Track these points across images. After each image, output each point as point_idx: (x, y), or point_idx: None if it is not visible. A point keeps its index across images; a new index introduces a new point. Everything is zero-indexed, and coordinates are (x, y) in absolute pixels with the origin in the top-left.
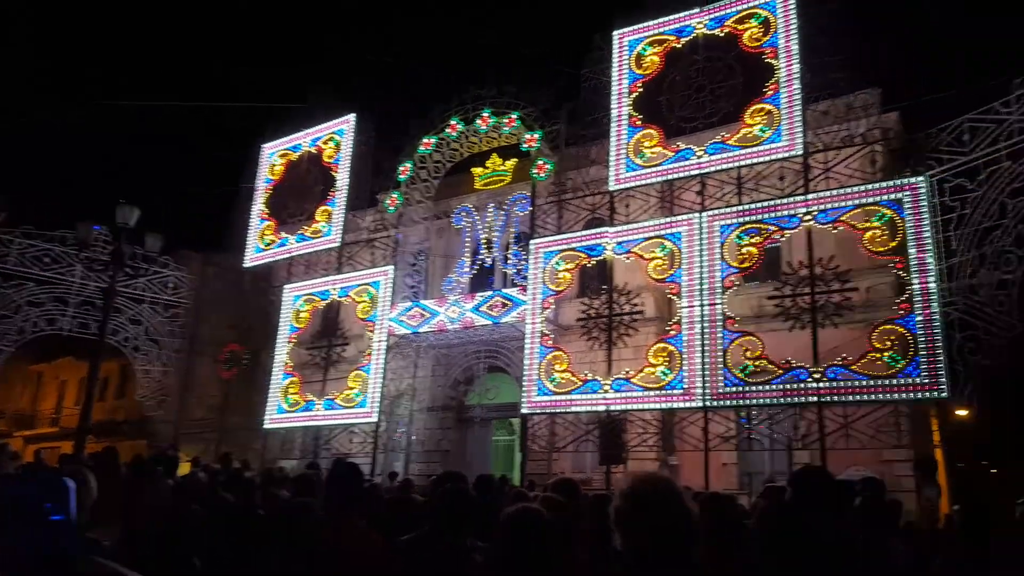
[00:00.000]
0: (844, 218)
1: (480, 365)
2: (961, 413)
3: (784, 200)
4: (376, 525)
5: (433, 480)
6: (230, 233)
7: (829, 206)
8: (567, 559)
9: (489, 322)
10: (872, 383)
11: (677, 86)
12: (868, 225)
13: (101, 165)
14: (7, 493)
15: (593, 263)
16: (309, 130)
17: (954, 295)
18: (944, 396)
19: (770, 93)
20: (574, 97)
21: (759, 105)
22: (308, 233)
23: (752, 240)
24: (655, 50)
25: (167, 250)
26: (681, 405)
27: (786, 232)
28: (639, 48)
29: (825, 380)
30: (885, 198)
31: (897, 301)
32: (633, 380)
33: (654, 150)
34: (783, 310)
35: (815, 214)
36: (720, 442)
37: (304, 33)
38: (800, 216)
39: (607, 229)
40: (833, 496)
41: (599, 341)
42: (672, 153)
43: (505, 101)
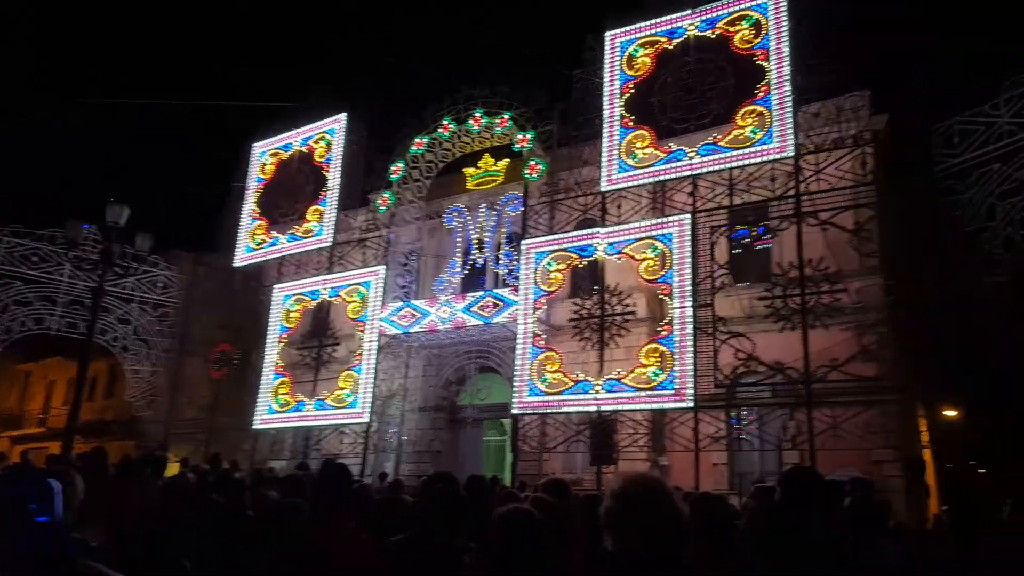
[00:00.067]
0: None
1: (471, 365)
2: (950, 414)
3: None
4: (366, 526)
5: (424, 481)
6: (221, 232)
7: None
8: (561, 559)
9: (480, 322)
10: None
11: (669, 87)
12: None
13: (94, 164)
14: None
15: (585, 263)
16: (300, 129)
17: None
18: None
19: (761, 95)
20: (566, 98)
21: (751, 107)
22: (299, 233)
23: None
24: (647, 51)
25: (157, 249)
26: (672, 405)
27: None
28: (631, 49)
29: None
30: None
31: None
32: (624, 380)
33: (646, 151)
34: (774, 311)
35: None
36: (710, 442)
37: (303, 33)
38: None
39: (599, 230)
40: (822, 496)
41: (591, 341)
42: (664, 154)
43: (498, 101)
